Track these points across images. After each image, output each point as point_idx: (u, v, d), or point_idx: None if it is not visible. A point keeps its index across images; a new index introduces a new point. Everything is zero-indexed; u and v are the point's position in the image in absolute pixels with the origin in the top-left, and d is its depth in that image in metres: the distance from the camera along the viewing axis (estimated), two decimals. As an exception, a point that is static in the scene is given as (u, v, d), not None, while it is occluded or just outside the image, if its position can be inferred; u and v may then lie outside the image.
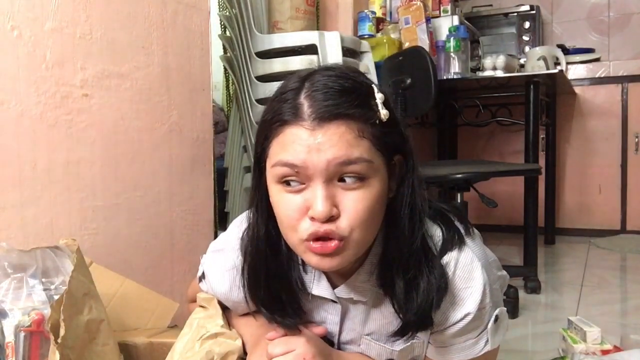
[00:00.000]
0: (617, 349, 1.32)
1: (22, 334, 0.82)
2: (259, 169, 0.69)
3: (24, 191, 1.08)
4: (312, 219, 0.62)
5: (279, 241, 0.72)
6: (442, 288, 0.69)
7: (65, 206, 1.15)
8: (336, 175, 0.62)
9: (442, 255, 0.71)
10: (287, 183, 0.64)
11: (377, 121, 0.64)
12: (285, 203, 0.64)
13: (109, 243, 1.23)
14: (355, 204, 0.62)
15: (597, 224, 3.27)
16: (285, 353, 0.71)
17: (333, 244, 0.63)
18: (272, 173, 0.65)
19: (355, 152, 0.62)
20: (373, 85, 0.67)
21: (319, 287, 0.76)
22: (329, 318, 0.78)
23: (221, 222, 1.97)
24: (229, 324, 0.84)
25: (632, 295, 2.17)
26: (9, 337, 0.82)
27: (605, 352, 1.31)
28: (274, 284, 0.74)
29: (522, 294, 2.00)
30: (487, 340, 0.74)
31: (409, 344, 0.75)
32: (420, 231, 0.69)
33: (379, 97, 0.66)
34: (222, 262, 0.82)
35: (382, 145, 0.65)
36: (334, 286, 0.75)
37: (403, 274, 0.68)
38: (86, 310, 0.82)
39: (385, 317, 0.75)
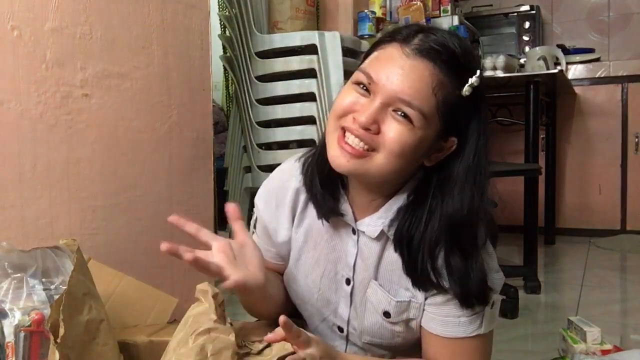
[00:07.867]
0: (617, 349, 1.32)
1: (22, 334, 0.82)
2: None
3: (24, 191, 1.08)
4: (354, 119, 0.70)
5: None
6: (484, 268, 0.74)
7: (65, 206, 1.15)
8: (394, 104, 0.69)
9: None
10: (360, 86, 0.72)
11: (457, 92, 0.69)
12: (348, 94, 0.73)
13: (109, 243, 1.23)
14: (394, 132, 0.69)
15: (597, 224, 3.27)
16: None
17: (361, 148, 0.70)
18: (354, 75, 0.74)
19: (418, 101, 0.68)
20: (479, 70, 0.72)
21: (344, 213, 0.82)
22: (349, 250, 0.83)
23: (221, 222, 1.96)
24: (224, 318, 0.83)
25: (632, 295, 2.17)
26: (9, 337, 0.82)
27: (605, 352, 1.31)
28: (329, 177, 0.79)
29: (522, 294, 2.00)
30: (481, 322, 0.77)
31: (407, 300, 0.79)
32: (476, 216, 0.73)
33: (474, 79, 0.70)
34: (277, 176, 0.89)
35: (446, 113, 0.70)
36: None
37: (460, 251, 0.73)
38: (86, 310, 0.82)
39: (392, 265, 0.80)
